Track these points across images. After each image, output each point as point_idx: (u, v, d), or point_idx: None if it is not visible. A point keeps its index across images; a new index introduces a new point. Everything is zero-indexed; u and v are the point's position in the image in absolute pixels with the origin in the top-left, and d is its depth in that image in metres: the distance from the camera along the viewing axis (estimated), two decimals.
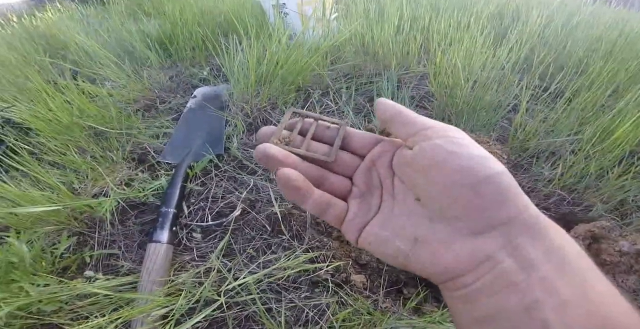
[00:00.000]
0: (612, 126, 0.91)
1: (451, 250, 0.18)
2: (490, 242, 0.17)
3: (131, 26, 1.48)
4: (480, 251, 0.17)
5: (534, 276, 0.16)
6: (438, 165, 0.19)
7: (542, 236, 0.17)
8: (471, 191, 0.18)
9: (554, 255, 0.17)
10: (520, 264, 0.16)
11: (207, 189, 0.80)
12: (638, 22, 2.00)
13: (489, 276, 0.17)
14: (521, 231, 0.17)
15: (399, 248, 0.20)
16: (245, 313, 0.61)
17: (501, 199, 0.18)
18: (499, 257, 0.17)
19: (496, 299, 0.16)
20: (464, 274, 0.17)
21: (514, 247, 0.17)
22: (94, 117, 0.94)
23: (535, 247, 0.17)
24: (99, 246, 0.71)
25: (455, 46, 1.05)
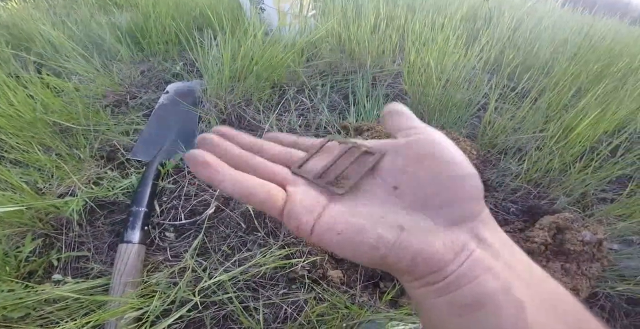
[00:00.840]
0: (574, 124, 0.97)
1: (439, 238, 0.18)
2: (462, 233, 0.19)
3: (101, 18, 1.42)
4: (458, 241, 0.18)
5: (500, 261, 0.18)
6: (430, 155, 0.20)
7: (496, 231, 0.20)
8: (457, 183, 0.19)
9: (506, 247, 0.19)
10: (488, 252, 0.18)
11: (180, 187, 0.79)
12: (602, 27, 2.13)
13: (467, 263, 0.18)
14: (483, 225, 0.19)
15: (381, 236, 0.18)
16: (222, 312, 0.61)
17: (477, 196, 0.20)
18: (471, 246, 0.18)
19: (477, 284, 0.17)
20: (448, 263, 0.18)
21: (480, 239, 0.19)
22: (59, 112, 0.90)
23: (494, 238, 0.19)
24: (67, 248, 0.68)
25: (429, 46, 1.08)
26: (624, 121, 1.10)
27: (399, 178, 0.21)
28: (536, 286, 0.18)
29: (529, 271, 0.18)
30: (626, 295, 0.74)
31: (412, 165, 0.21)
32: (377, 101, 1.04)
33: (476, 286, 0.17)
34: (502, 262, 0.18)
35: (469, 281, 0.17)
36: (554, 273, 0.70)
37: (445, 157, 0.20)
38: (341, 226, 0.19)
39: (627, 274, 0.76)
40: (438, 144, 0.21)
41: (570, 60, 1.38)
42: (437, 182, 0.20)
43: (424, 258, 0.18)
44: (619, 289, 0.73)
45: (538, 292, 0.17)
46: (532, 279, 0.18)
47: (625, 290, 0.73)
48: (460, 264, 0.18)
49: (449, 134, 0.84)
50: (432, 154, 0.20)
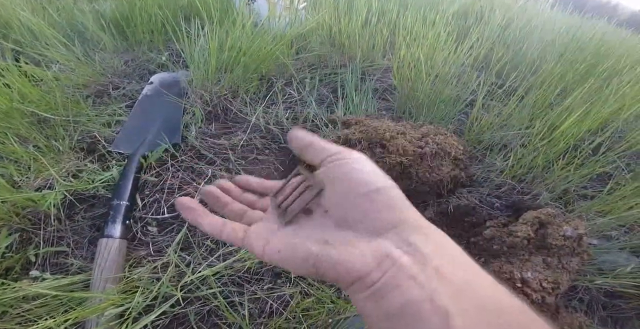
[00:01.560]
0: (558, 122, 0.98)
1: (357, 249, 0.20)
2: (386, 242, 0.20)
3: (84, 5, 1.36)
4: (381, 250, 0.19)
5: (428, 267, 0.18)
6: (342, 178, 0.23)
7: (429, 235, 0.20)
8: (367, 198, 0.21)
9: (440, 250, 0.19)
10: (415, 258, 0.19)
11: (163, 180, 0.77)
12: (590, 28, 2.17)
13: (391, 272, 0.18)
14: (412, 231, 0.20)
15: (309, 249, 0.21)
16: (207, 307, 0.60)
17: (391, 204, 0.21)
18: (397, 254, 0.19)
19: (400, 293, 0.18)
20: (370, 272, 0.19)
21: (408, 244, 0.19)
22: (37, 102, 0.86)
23: (425, 244, 0.19)
24: (45, 243, 0.66)
25: (419, 41, 1.08)
26: (607, 120, 1.13)
27: (327, 202, 0.24)
28: (469, 292, 0.18)
29: (462, 276, 0.18)
30: (604, 288, 0.77)
31: (331, 189, 0.24)
32: (365, 95, 1.04)
33: (399, 294, 0.18)
34: (430, 268, 0.18)
35: (392, 290, 0.18)
36: (536, 267, 0.71)
37: (354, 178, 0.23)
38: (281, 246, 0.23)
39: (605, 268, 0.78)
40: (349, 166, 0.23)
41: (557, 60, 1.41)
42: (352, 200, 0.22)
43: (344, 267, 0.20)
44: (597, 282, 0.75)
45: (470, 298, 0.17)
46: (464, 285, 0.18)
47: (603, 283, 0.75)
48: (383, 273, 0.19)
49: (437, 129, 0.84)
50: (343, 178, 0.23)
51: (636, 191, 0.88)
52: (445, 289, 0.17)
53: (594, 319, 0.73)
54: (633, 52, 2.00)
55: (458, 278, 0.18)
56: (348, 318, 0.59)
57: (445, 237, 0.21)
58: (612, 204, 0.88)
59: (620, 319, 0.75)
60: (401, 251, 0.19)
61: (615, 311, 0.76)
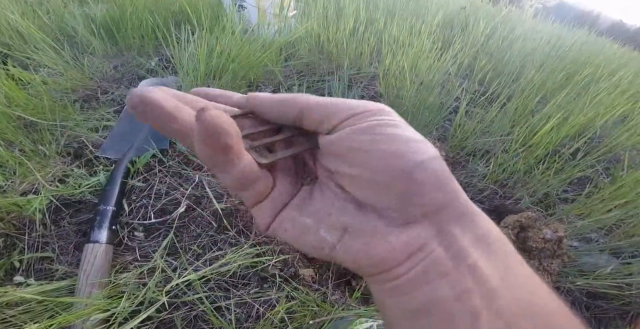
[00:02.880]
0: (538, 128, 1.02)
1: (386, 241, 0.17)
2: (423, 231, 0.16)
3: (75, 9, 1.36)
4: (415, 241, 0.16)
5: (463, 264, 0.16)
6: (367, 149, 0.17)
7: (471, 224, 0.17)
8: (406, 176, 0.16)
9: (481, 242, 0.16)
10: (450, 253, 0.16)
11: (150, 186, 0.77)
12: (570, 37, 2.25)
13: (421, 266, 0.16)
14: (452, 218, 0.16)
15: (324, 238, 0.18)
16: (194, 312, 0.60)
17: (437, 185, 0.16)
18: (431, 246, 0.16)
19: (428, 290, 0.16)
20: (398, 265, 0.16)
21: (445, 235, 0.16)
22: (23, 106, 0.86)
23: (465, 235, 0.16)
24: (30, 249, 0.65)
25: (405, 50, 1.11)
26: (585, 126, 1.17)
27: (347, 179, 0.19)
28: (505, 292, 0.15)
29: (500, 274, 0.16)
30: (586, 289, 0.79)
31: (353, 162, 0.18)
32: None
33: (427, 292, 0.16)
34: (465, 265, 0.16)
35: (420, 286, 0.16)
36: None
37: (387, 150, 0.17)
38: (287, 225, 0.19)
39: (586, 270, 0.81)
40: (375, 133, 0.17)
41: (538, 68, 1.46)
42: (382, 178, 0.17)
43: (366, 262, 0.17)
44: (578, 283, 0.77)
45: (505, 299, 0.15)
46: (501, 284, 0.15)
47: (585, 285, 0.77)
48: (412, 267, 0.16)
49: None
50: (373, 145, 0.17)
51: (614, 194, 0.92)
52: (479, 288, 0.15)
53: None
54: (611, 60, 2.08)
55: (496, 275, 0.16)
56: (332, 320, 0.60)
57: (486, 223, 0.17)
58: (592, 207, 0.91)
59: (603, 319, 0.78)
60: (437, 242, 0.16)
61: (597, 311, 0.78)
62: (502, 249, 0.16)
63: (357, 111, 0.18)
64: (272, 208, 0.19)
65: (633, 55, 3.08)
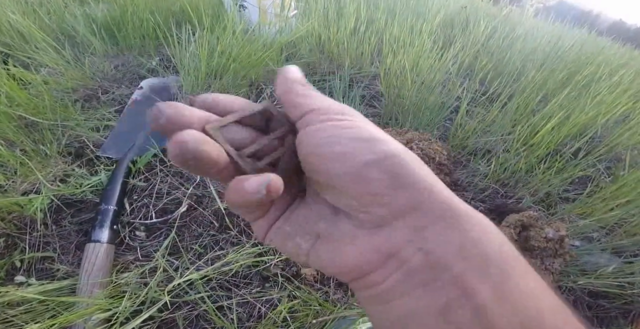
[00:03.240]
0: (539, 127, 1.02)
1: (354, 247, 0.16)
2: (395, 235, 0.15)
3: (76, 9, 1.36)
4: (386, 245, 0.15)
5: (445, 275, 0.14)
6: (316, 152, 0.16)
7: (456, 227, 0.14)
8: (355, 178, 0.15)
9: (470, 249, 0.14)
10: (429, 261, 0.14)
11: (151, 185, 0.77)
12: (571, 37, 2.25)
13: (398, 275, 0.15)
14: (431, 219, 0.15)
15: (299, 245, 0.18)
16: (195, 312, 0.60)
17: (396, 184, 0.15)
18: (406, 253, 0.15)
19: (407, 301, 0.14)
20: (371, 272, 0.15)
21: (423, 239, 0.14)
22: (25, 106, 0.86)
23: (447, 241, 0.14)
24: (31, 248, 0.65)
25: (406, 49, 1.10)
26: (586, 125, 1.17)
27: (315, 181, 0.18)
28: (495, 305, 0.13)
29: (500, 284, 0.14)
30: (588, 289, 0.79)
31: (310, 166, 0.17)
32: (353, 102, 1.06)
33: (405, 303, 0.14)
34: (448, 276, 0.14)
35: (398, 297, 0.15)
36: None
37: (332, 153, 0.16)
38: (272, 235, 0.19)
39: (588, 269, 0.81)
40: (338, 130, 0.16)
41: (538, 68, 1.46)
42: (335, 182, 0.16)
43: (337, 269, 0.16)
44: (580, 283, 0.77)
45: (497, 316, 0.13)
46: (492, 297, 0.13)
47: (586, 284, 0.77)
48: (388, 275, 0.15)
49: (421, 135, 0.87)
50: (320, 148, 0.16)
51: (616, 193, 0.91)
52: (466, 302, 0.13)
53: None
54: (612, 60, 2.08)
55: (485, 288, 0.13)
56: (335, 319, 0.60)
57: (478, 226, 0.15)
58: (593, 206, 0.91)
59: (605, 319, 0.77)
60: (413, 249, 0.14)
61: (599, 310, 0.78)
62: (498, 256, 0.14)
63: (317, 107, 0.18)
64: (268, 222, 0.19)
65: (634, 55, 3.08)
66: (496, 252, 0.14)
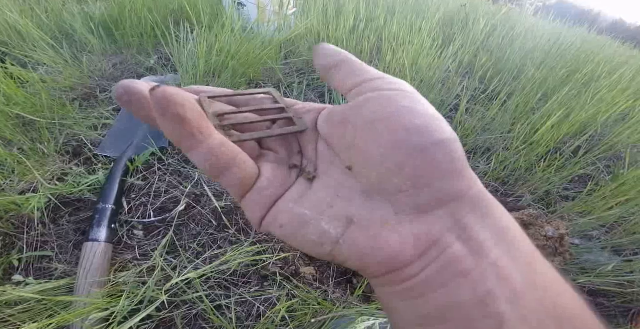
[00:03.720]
0: (539, 125, 1.02)
1: (396, 233, 0.14)
2: (438, 222, 0.14)
3: (74, 7, 1.35)
4: (429, 234, 0.14)
5: (485, 262, 0.13)
6: (386, 120, 0.15)
7: (490, 216, 0.14)
8: (422, 154, 0.14)
9: (502, 237, 0.14)
10: (470, 248, 0.14)
11: (150, 184, 0.77)
12: (571, 35, 2.24)
13: (436, 265, 0.14)
14: (469, 209, 0.14)
15: (326, 232, 0.15)
16: (194, 311, 0.60)
17: (454, 169, 0.14)
18: (448, 240, 0.14)
19: (445, 292, 0.14)
20: (411, 263, 0.14)
21: (462, 228, 0.14)
22: (22, 105, 0.85)
23: (484, 228, 0.14)
24: (29, 248, 0.65)
25: (405, 47, 1.10)
26: (586, 124, 1.17)
27: (351, 154, 0.17)
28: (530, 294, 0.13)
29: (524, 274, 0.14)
30: (588, 287, 0.79)
31: (362, 136, 0.16)
32: None
33: (444, 295, 0.14)
34: (486, 263, 0.13)
35: (436, 289, 0.14)
36: None
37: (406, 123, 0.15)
38: (284, 219, 0.16)
39: (587, 267, 0.81)
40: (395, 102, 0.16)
41: (538, 66, 1.45)
42: (396, 154, 0.15)
43: (375, 259, 0.15)
44: (580, 281, 0.77)
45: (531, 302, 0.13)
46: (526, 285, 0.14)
47: (586, 282, 0.77)
48: (426, 265, 0.14)
49: None
50: (388, 118, 0.15)
51: (615, 191, 0.91)
52: (503, 290, 0.13)
53: None
54: (612, 58, 2.08)
55: (519, 275, 0.14)
56: (334, 319, 0.60)
57: (505, 216, 0.15)
58: (593, 204, 0.91)
59: (604, 318, 0.77)
60: (454, 236, 0.14)
61: (599, 309, 0.78)
62: (524, 247, 0.14)
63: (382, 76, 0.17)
64: (263, 200, 0.17)
65: (633, 54, 3.08)
66: (521, 240, 0.15)
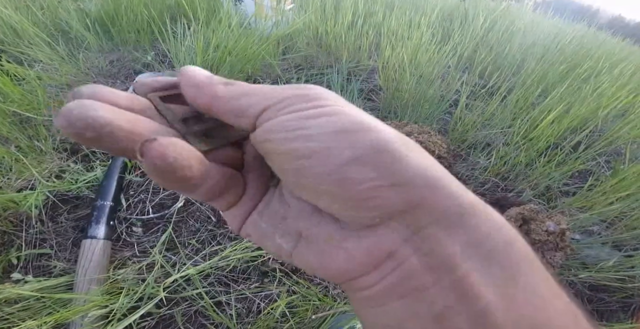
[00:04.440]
0: (539, 120, 1.01)
1: (342, 249, 0.14)
2: (389, 234, 0.13)
3: (69, 4, 1.34)
4: (379, 248, 0.13)
5: (447, 278, 0.13)
6: (283, 150, 0.14)
7: (463, 226, 0.13)
8: (336, 180, 0.13)
9: (476, 248, 0.13)
10: (428, 263, 0.13)
11: (148, 180, 0.76)
12: (570, 31, 2.24)
13: (393, 277, 0.13)
14: (433, 218, 0.13)
15: (280, 245, 0.16)
16: (194, 308, 0.59)
17: (388, 182, 0.13)
18: (403, 254, 0.13)
19: (403, 305, 0.13)
20: (363, 275, 0.14)
21: (422, 239, 0.13)
22: (18, 102, 0.85)
23: (452, 239, 0.13)
24: (27, 245, 0.65)
25: (404, 42, 1.09)
26: (586, 119, 1.17)
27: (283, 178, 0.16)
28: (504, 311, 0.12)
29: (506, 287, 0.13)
30: (588, 282, 0.79)
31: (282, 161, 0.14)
32: (351, 96, 1.05)
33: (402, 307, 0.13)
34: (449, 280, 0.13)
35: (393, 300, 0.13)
36: None
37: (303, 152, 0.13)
38: (249, 230, 0.17)
39: (588, 263, 0.81)
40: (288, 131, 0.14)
41: (538, 61, 1.45)
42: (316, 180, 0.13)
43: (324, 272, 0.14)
44: (581, 276, 0.77)
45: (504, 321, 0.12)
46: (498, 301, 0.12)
47: (587, 277, 0.77)
48: (382, 278, 0.13)
49: (421, 128, 0.86)
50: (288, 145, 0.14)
51: (616, 187, 0.91)
52: (466, 308, 0.12)
53: None
54: (611, 54, 2.07)
55: (491, 291, 0.12)
56: (334, 314, 0.59)
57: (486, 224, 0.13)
58: (593, 199, 0.91)
59: (605, 312, 0.77)
60: (410, 249, 0.13)
61: (600, 304, 0.78)
62: (506, 258, 0.13)
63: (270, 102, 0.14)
64: (241, 212, 0.17)
65: (633, 50, 3.07)
66: (503, 251, 0.13)
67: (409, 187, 0.13)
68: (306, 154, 0.13)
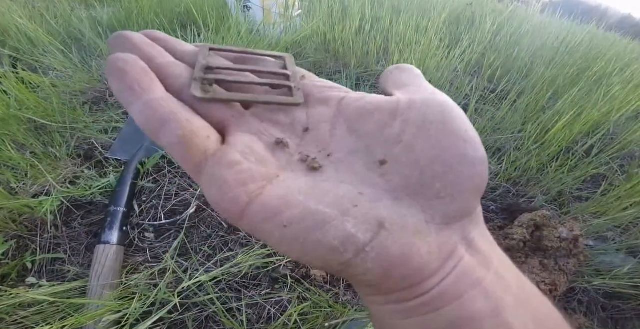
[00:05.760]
0: (550, 125, 1.00)
1: (425, 244, 0.13)
2: (453, 235, 0.14)
3: (82, 13, 1.37)
4: (448, 244, 0.13)
5: (491, 272, 0.13)
6: (442, 123, 0.14)
7: (484, 231, 0.15)
8: (469, 166, 0.14)
9: (495, 249, 0.15)
10: (478, 259, 0.14)
11: (160, 187, 0.77)
12: (580, 32, 2.21)
13: (453, 276, 0.13)
14: (474, 225, 0.14)
15: (352, 236, 0.12)
16: (205, 313, 0.60)
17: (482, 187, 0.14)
18: (460, 252, 0.13)
19: (459, 304, 0.13)
20: (431, 276, 0.13)
21: (469, 240, 0.14)
22: (34, 109, 0.87)
23: (483, 241, 0.14)
24: (42, 250, 0.66)
25: (412, 47, 1.09)
26: (598, 122, 1.15)
27: (391, 149, 0.15)
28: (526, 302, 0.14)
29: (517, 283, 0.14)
30: (602, 289, 0.77)
31: (411, 133, 0.15)
32: None
33: (459, 307, 0.13)
34: (493, 273, 0.13)
35: (450, 302, 0.13)
36: (533, 269, 0.72)
37: (458, 129, 0.14)
38: (292, 214, 0.12)
39: (602, 269, 0.79)
40: (449, 109, 0.15)
41: (547, 64, 1.43)
42: (442, 161, 0.14)
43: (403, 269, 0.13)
44: (595, 283, 0.76)
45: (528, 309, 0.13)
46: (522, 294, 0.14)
47: (601, 285, 0.76)
48: (444, 277, 0.13)
49: None
50: (442, 122, 0.14)
51: (630, 191, 0.89)
52: (509, 299, 0.13)
53: (594, 320, 0.73)
54: (622, 55, 2.04)
55: (515, 284, 0.14)
56: (345, 322, 0.59)
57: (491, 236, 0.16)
58: (607, 205, 0.89)
59: (620, 320, 0.76)
60: (464, 249, 0.14)
61: (614, 312, 0.76)
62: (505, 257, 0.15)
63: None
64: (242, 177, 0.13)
65: None
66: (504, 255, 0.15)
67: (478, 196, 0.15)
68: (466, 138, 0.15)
